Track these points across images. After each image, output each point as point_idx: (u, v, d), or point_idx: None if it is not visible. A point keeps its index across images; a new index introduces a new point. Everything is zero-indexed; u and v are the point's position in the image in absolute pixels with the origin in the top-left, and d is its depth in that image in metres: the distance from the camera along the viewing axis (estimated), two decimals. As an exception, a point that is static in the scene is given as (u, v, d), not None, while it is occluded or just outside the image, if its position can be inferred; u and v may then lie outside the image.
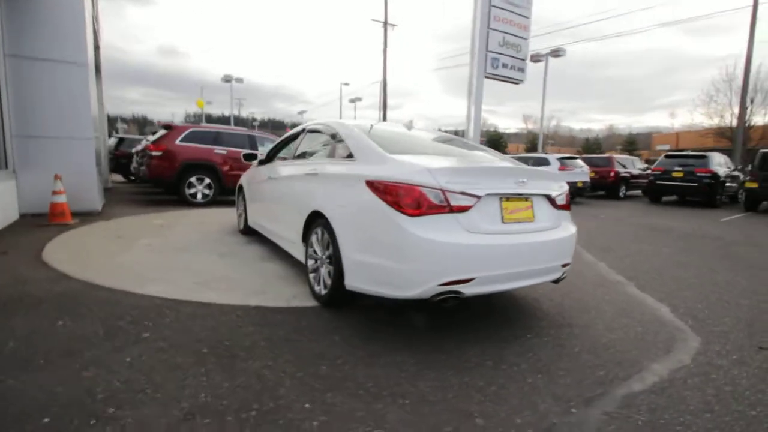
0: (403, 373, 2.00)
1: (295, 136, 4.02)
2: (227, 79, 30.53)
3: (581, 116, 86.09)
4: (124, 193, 9.94)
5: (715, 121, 27.13)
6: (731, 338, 2.60)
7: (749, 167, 11.35)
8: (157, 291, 2.95)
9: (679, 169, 11.60)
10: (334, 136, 3.15)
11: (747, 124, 25.26)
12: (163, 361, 2.00)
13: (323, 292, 2.78)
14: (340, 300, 2.70)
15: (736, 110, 26.45)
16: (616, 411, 1.78)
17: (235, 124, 32.29)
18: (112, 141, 12.59)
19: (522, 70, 13.07)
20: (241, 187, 5.22)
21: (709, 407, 1.83)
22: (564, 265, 2.65)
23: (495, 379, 1.99)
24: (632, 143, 42.17)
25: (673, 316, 2.95)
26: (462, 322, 2.66)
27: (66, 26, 5.74)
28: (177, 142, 7.52)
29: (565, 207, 2.74)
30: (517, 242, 2.35)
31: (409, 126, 3.67)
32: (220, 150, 7.85)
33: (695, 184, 11.25)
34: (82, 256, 3.84)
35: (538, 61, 19.61)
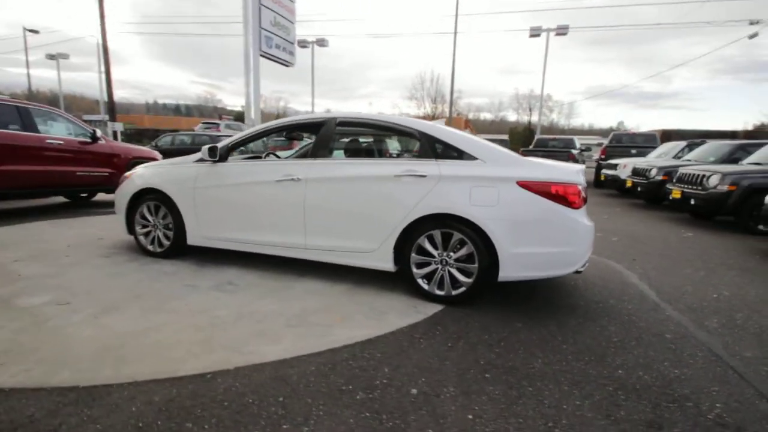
0: (606, 342, 2.57)
1: (309, 127, 3.33)
2: None
3: (302, 99, 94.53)
4: None
5: (417, 111, 37.79)
6: (623, 259, 4.46)
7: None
8: (279, 353, 2.16)
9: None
10: (415, 134, 3.04)
11: (433, 115, 35.86)
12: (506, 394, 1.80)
13: (453, 292, 2.84)
14: (477, 295, 2.86)
15: (428, 104, 37.15)
16: (695, 311, 3.00)
17: None
18: None
19: (292, 53, 13.58)
20: (145, 193, 3.69)
21: (678, 292, 3.36)
22: None
23: (628, 323, 2.88)
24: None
25: (595, 256, 4.65)
26: (521, 299, 3.37)
27: None
28: None
29: None
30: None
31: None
32: (-26, 132, 4.70)
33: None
34: (25, 349, 2.00)
35: (305, 47, 20.43)
